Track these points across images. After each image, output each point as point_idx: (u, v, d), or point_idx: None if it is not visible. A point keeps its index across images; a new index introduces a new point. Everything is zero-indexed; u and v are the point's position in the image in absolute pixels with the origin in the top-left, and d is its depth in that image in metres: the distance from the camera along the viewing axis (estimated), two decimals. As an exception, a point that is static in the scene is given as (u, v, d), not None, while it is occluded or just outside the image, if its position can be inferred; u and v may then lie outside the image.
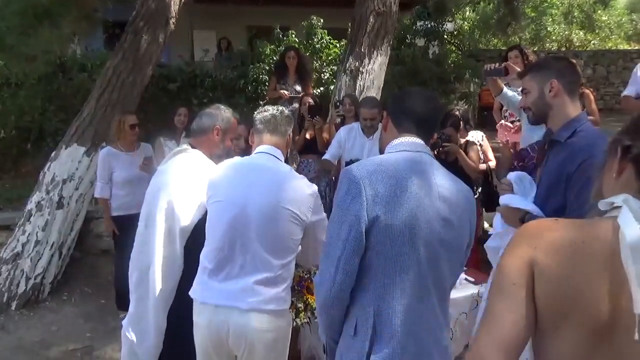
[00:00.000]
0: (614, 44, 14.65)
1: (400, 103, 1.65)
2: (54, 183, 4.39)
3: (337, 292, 1.43)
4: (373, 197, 1.41)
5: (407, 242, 1.41)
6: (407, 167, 1.48)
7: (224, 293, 1.88)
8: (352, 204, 1.42)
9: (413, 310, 1.43)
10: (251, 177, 1.96)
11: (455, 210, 1.50)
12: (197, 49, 9.23)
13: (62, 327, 3.92)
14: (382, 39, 5.30)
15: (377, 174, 1.44)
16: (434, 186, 1.48)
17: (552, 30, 13.39)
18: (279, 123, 2.09)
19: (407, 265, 1.42)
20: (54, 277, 4.41)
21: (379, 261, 1.42)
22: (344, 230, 1.42)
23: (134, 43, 4.73)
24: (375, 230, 1.40)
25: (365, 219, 1.40)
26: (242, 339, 1.87)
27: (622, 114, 7.80)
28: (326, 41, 7.50)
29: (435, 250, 1.46)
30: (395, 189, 1.42)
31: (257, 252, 1.88)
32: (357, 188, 1.42)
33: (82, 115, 4.61)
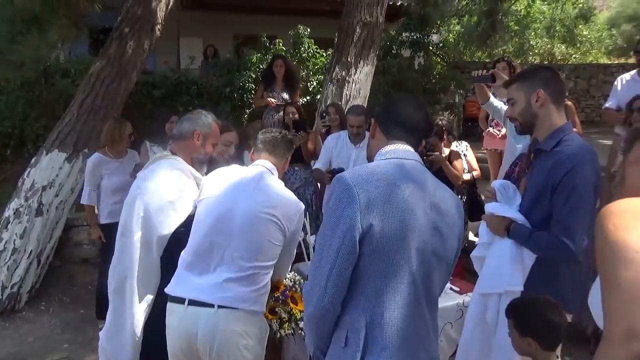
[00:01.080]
0: (594, 58, 14.97)
1: (389, 110, 1.61)
2: (34, 190, 4.29)
3: (328, 302, 1.39)
4: (367, 204, 1.37)
5: (400, 250, 1.38)
6: (400, 174, 1.45)
7: (197, 287, 1.90)
8: (345, 211, 1.37)
9: (406, 321, 1.40)
10: (245, 185, 2.02)
11: (447, 220, 1.48)
12: (183, 56, 9.19)
13: (39, 338, 3.81)
14: (369, 48, 5.34)
15: (371, 181, 1.41)
16: (427, 194, 1.46)
17: (535, 43, 13.63)
18: (278, 145, 2.18)
19: (400, 274, 1.39)
20: (32, 287, 4.30)
21: (372, 270, 1.38)
22: (336, 239, 1.37)
23: (118, 49, 4.69)
24: (369, 238, 1.36)
25: (359, 227, 1.36)
26: (211, 340, 1.85)
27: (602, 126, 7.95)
28: (313, 50, 7.53)
29: (427, 259, 1.43)
30: (389, 196, 1.39)
31: (232, 251, 1.92)
32: (350, 195, 1.38)
33: (63, 120, 4.54)
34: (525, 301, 1.86)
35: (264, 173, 2.09)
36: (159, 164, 2.27)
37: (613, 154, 3.49)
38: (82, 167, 4.50)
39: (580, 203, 1.82)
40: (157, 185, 2.17)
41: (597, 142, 7.59)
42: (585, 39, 14.36)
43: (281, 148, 2.19)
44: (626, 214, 1.10)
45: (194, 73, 7.72)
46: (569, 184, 1.81)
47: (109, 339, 2.19)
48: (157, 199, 2.14)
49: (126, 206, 2.22)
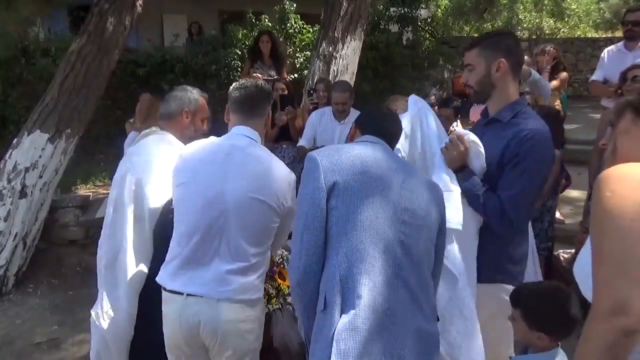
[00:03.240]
0: (582, 32, 14.94)
1: (373, 121, 1.71)
2: (16, 171, 4.21)
3: (304, 266, 1.41)
4: (330, 166, 1.45)
5: (367, 207, 1.41)
6: (366, 149, 1.54)
7: (195, 280, 1.80)
8: (311, 177, 1.46)
9: (386, 284, 1.38)
10: (229, 162, 1.86)
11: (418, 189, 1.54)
12: (167, 34, 9.01)
13: (28, 320, 3.79)
14: (356, 23, 5.25)
15: (336, 151, 1.51)
16: (395, 166, 1.53)
17: (524, 17, 13.54)
18: (254, 103, 1.97)
19: (370, 231, 1.40)
20: (18, 269, 4.26)
21: (342, 227, 1.41)
22: (304, 204, 1.44)
23: (99, 25, 4.55)
24: (334, 194, 1.42)
25: (323, 186, 1.43)
26: (214, 331, 1.80)
27: (591, 100, 7.97)
28: (299, 26, 7.41)
29: (399, 220, 1.45)
30: (352, 161, 1.47)
31: (234, 240, 1.80)
32: (314, 163, 1.47)
33: (44, 100, 4.42)
34: (534, 290, 1.70)
35: (245, 145, 1.90)
36: (147, 139, 2.26)
37: (601, 127, 3.49)
38: (66, 148, 4.44)
39: (533, 182, 1.79)
40: (147, 160, 2.15)
41: (587, 117, 7.63)
42: (574, 12, 14.28)
43: (258, 106, 1.98)
44: (625, 180, 1.05)
45: (179, 51, 7.58)
46: (527, 160, 1.76)
47: (103, 315, 2.17)
48: (148, 172, 2.12)
49: (116, 181, 2.21)
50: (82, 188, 5.43)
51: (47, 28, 7.08)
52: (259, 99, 1.99)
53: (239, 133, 1.94)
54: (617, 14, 13.10)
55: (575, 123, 7.03)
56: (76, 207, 4.78)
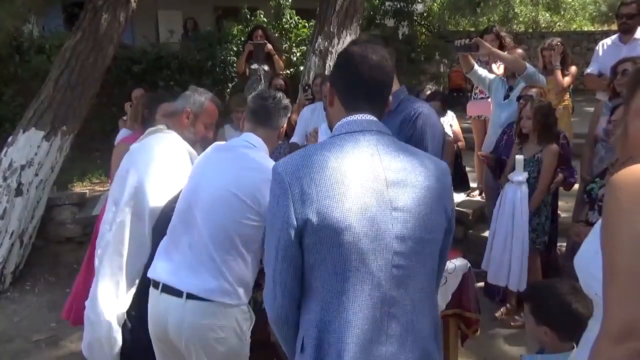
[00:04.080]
0: (578, 26, 14.93)
1: (345, 73, 1.35)
2: (12, 169, 4.20)
3: (279, 310, 1.25)
4: (301, 195, 1.18)
5: (348, 243, 1.17)
6: (345, 154, 1.23)
7: (170, 270, 1.83)
8: (279, 207, 1.21)
9: (367, 322, 1.19)
10: (215, 159, 1.89)
11: (415, 195, 1.24)
12: (163, 30, 8.97)
13: (26, 318, 3.79)
14: (352, 18, 5.25)
15: (306, 167, 1.21)
16: (380, 172, 1.23)
17: (519, 11, 13.51)
18: (270, 115, 1.96)
19: (355, 271, 1.18)
20: (16, 267, 4.25)
21: (320, 266, 1.20)
22: (273, 238, 1.22)
23: (93, 22, 4.53)
24: (308, 234, 1.18)
25: (293, 222, 1.18)
26: (179, 333, 1.76)
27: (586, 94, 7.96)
28: (295, 21, 7.39)
29: (393, 249, 1.21)
30: (327, 185, 1.18)
31: (200, 237, 1.79)
32: (282, 187, 1.21)
33: (39, 98, 4.41)
34: (546, 286, 1.70)
35: (242, 149, 1.88)
36: (152, 137, 2.24)
37: (594, 120, 3.50)
38: (61, 145, 4.43)
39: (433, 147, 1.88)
40: (150, 158, 2.14)
41: (582, 110, 7.63)
42: (569, 6, 14.28)
43: (273, 118, 1.96)
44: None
45: (174, 47, 7.57)
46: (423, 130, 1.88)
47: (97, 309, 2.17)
48: (150, 171, 2.10)
49: (118, 177, 2.20)
50: (79, 185, 5.42)
51: (41, 25, 7.04)
52: (276, 110, 1.97)
53: (243, 139, 1.94)
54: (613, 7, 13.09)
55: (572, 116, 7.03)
56: (73, 205, 4.78)
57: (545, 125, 3.17)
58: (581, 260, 1.19)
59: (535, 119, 3.15)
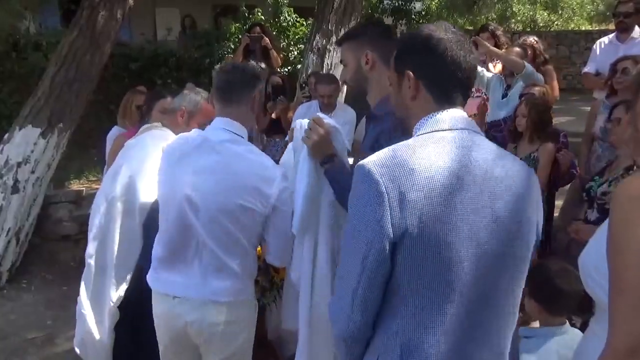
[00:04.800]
0: (576, 25, 14.96)
1: (436, 59, 1.14)
2: (8, 166, 4.18)
3: (354, 328, 1.10)
4: (400, 202, 1.03)
5: (449, 260, 1.05)
6: (446, 155, 1.08)
7: (178, 284, 1.77)
8: (371, 212, 1.04)
9: (457, 346, 1.08)
10: (201, 162, 1.74)
11: (514, 206, 1.11)
12: (160, 28, 8.95)
13: (22, 315, 3.78)
14: (350, 16, 5.24)
15: (404, 169, 1.05)
16: (482, 177, 1.09)
17: (517, 10, 13.54)
18: (235, 88, 1.77)
19: (450, 288, 1.06)
20: (12, 265, 4.23)
21: (409, 284, 1.06)
22: (361, 248, 1.06)
23: (90, 19, 4.51)
24: (404, 245, 1.04)
25: (389, 233, 1.03)
26: (200, 332, 1.77)
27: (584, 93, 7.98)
28: (293, 19, 7.38)
29: (484, 265, 1.09)
30: (429, 189, 1.04)
31: (208, 247, 1.73)
32: (377, 192, 1.04)
33: (36, 95, 4.39)
34: (539, 266, 1.80)
35: (230, 146, 1.75)
36: (147, 134, 2.27)
37: (591, 118, 3.51)
38: (58, 142, 4.41)
39: None
40: (143, 155, 2.15)
41: (579, 109, 7.65)
42: (567, 5, 14.31)
43: (241, 90, 1.76)
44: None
45: (172, 45, 7.54)
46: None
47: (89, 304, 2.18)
48: (142, 167, 2.12)
49: (111, 172, 2.21)
50: (75, 183, 5.41)
51: (38, 22, 7.01)
52: (242, 82, 1.78)
53: (217, 127, 1.80)
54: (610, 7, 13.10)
55: (569, 115, 7.06)
56: (69, 202, 4.76)
57: (540, 123, 3.15)
58: (585, 262, 1.17)
59: (530, 116, 3.14)
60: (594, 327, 1.17)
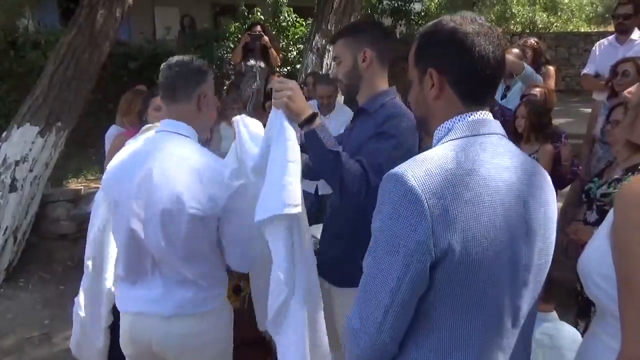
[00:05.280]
0: (575, 27, 14.99)
1: (465, 55, 1.03)
2: (6, 165, 4.16)
3: (384, 341, 0.99)
4: (443, 216, 0.93)
5: (491, 279, 0.97)
6: (483, 162, 0.99)
7: (140, 300, 1.69)
8: (409, 226, 0.93)
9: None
10: (143, 172, 1.61)
11: (544, 216, 1.06)
12: (159, 27, 8.93)
13: (19, 315, 3.77)
14: (349, 16, 5.24)
15: (446, 180, 0.95)
16: (517, 188, 1.02)
17: (517, 12, 13.56)
18: (178, 85, 1.64)
19: (488, 310, 0.99)
20: (9, 263, 4.22)
21: (448, 304, 0.98)
22: (397, 264, 0.94)
23: (89, 17, 4.50)
24: (445, 264, 0.94)
25: (431, 250, 0.93)
26: (167, 347, 1.69)
27: (583, 95, 7.99)
28: (292, 19, 7.37)
29: (521, 282, 1.03)
30: (477, 203, 0.95)
31: (163, 257, 1.64)
32: (417, 205, 0.93)
33: (34, 93, 4.37)
34: None
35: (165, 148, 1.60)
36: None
37: (592, 120, 3.51)
38: (56, 141, 4.39)
39: (397, 153, 1.59)
40: None
41: (578, 111, 7.65)
42: (567, 7, 14.34)
43: (183, 88, 1.63)
44: None
45: (171, 44, 7.52)
46: (392, 132, 1.64)
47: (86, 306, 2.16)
48: None
49: None
50: (73, 182, 5.39)
51: (36, 20, 6.99)
52: (185, 78, 1.65)
53: (162, 129, 1.68)
54: (609, 9, 13.14)
55: (568, 117, 7.06)
56: (67, 201, 4.74)
57: (539, 125, 3.16)
58: (585, 265, 1.15)
59: (529, 118, 3.15)
60: (596, 329, 1.16)
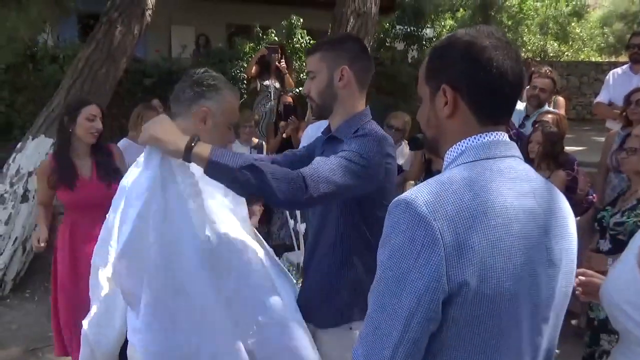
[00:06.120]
0: (586, 56, 15.06)
1: (481, 71, 0.94)
2: (19, 175, 4.21)
3: None
4: (457, 248, 0.85)
5: (512, 316, 0.90)
6: (500, 188, 0.91)
7: None
8: (422, 263, 0.85)
9: None
10: None
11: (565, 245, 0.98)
12: (175, 45, 9.10)
13: (24, 326, 3.75)
14: (362, 39, 5.30)
15: (461, 207, 0.87)
16: (537, 215, 0.93)
17: (528, 40, 13.66)
18: (178, 99, 1.57)
19: (507, 349, 0.92)
20: (17, 274, 4.23)
21: (463, 342, 0.89)
22: (407, 298, 0.86)
23: (108, 34, 4.60)
24: (460, 299, 0.86)
25: (444, 285, 0.85)
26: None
27: (595, 123, 8.00)
28: (306, 42, 7.47)
29: (542, 317, 0.96)
30: (494, 233, 0.87)
31: None
32: (429, 233, 0.85)
33: (51, 105, 4.45)
34: None
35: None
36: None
37: (606, 148, 3.50)
38: (70, 153, 4.44)
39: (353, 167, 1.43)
40: None
41: (590, 139, 7.63)
42: (578, 36, 14.43)
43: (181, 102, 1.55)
44: None
45: (186, 62, 7.64)
46: (355, 147, 1.48)
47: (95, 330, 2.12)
48: None
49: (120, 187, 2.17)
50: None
51: (56, 35, 7.15)
52: (185, 93, 1.56)
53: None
54: (620, 39, 13.22)
55: (580, 146, 7.04)
56: (77, 214, 4.76)
57: (552, 153, 3.19)
58: (612, 295, 1.12)
59: (543, 145, 3.16)
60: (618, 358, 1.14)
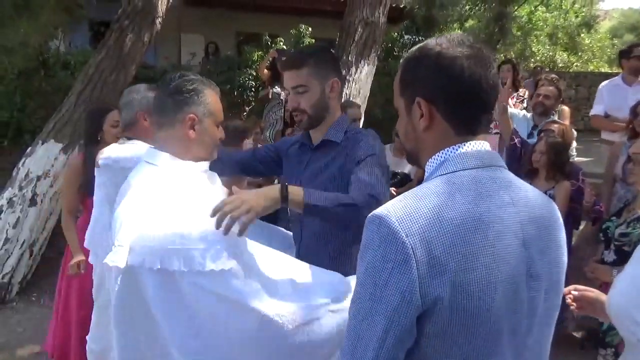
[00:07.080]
0: (595, 67, 15.01)
1: (456, 80, 0.93)
2: (28, 179, 4.26)
3: None
4: (429, 264, 0.84)
5: (489, 332, 0.88)
6: (478, 200, 0.89)
7: None
8: (394, 280, 0.84)
9: None
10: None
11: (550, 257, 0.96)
12: (185, 52, 9.19)
13: (29, 329, 3.78)
14: (370, 48, 5.32)
15: (432, 221, 0.85)
16: (518, 227, 0.92)
17: (537, 50, 13.65)
18: (163, 107, 1.43)
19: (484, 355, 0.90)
20: (23, 277, 4.26)
21: (442, 356, 0.88)
22: (381, 315, 0.85)
23: (118, 41, 4.66)
24: (436, 315, 0.85)
25: (418, 302, 0.84)
26: None
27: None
28: (314, 50, 7.53)
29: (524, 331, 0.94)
30: (469, 248, 0.86)
31: None
32: (401, 251, 0.84)
33: (61, 110, 4.51)
34: None
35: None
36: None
37: (612, 159, 3.49)
38: (78, 158, 4.49)
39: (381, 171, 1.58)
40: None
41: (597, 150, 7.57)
42: (587, 47, 14.40)
43: (167, 111, 1.41)
44: None
45: (195, 69, 7.72)
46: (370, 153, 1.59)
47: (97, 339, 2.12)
48: None
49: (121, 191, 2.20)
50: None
51: (68, 42, 7.26)
52: (170, 99, 1.42)
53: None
54: (630, 51, 13.17)
55: (587, 156, 6.98)
56: (84, 218, 4.80)
57: (557, 163, 3.18)
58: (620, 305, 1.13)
59: (548, 155, 3.16)
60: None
